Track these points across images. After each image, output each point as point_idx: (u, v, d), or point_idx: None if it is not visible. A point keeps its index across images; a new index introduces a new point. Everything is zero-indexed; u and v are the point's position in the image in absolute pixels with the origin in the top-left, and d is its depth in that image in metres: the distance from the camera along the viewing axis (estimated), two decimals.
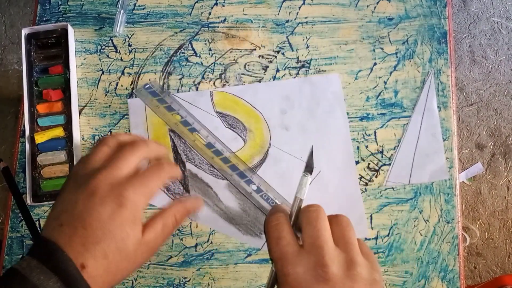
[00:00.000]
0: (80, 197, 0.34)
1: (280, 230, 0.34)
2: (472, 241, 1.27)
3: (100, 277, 0.34)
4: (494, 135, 1.35)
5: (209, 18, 0.51)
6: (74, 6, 0.52)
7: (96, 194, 0.34)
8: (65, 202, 0.35)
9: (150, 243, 0.37)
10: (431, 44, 0.51)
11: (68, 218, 0.34)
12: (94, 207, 0.34)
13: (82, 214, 0.34)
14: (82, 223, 0.34)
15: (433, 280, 0.47)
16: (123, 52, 0.51)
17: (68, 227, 0.33)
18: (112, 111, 0.49)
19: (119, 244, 0.35)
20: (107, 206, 0.34)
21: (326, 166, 0.48)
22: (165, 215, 0.39)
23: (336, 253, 0.32)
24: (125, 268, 0.36)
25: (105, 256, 0.34)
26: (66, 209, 0.34)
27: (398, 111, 0.49)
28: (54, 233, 0.33)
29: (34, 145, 0.47)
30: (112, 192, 0.35)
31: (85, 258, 0.33)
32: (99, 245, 0.34)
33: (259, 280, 0.46)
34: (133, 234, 0.35)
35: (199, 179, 0.47)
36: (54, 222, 0.34)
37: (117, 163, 0.36)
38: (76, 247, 0.33)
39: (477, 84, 1.38)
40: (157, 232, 0.38)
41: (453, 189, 0.48)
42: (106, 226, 0.34)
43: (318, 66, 0.50)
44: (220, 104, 0.49)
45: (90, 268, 0.33)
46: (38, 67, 0.49)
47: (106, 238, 0.34)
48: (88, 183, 0.35)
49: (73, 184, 0.36)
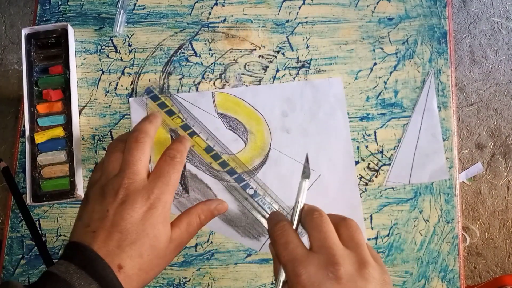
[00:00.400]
0: (109, 206, 0.36)
1: (286, 235, 0.35)
2: (472, 241, 1.27)
3: (136, 275, 0.36)
4: (494, 135, 1.35)
5: (209, 18, 0.51)
6: (74, 6, 0.52)
7: (126, 201, 0.36)
8: (95, 211, 0.37)
9: (176, 240, 0.39)
10: (431, 44, 0.51)
11: (101, 225, 0.36)
12: (126, 212, 0.36)
13: (116, 220, 0.36)
14: (117, 228, 0.36)
15: (433, 280, 0.47)
16: (123, 52, 0.51)
17: (103, 232, 0.35)
18: (112, 111, 0.49)
19: (152, 242, 0.37)
20: (139, 210, 0.36)
21: (327, 169, 0.48)
22: (190, 214, 0.41)
23: (346, 253, 0.33)
24: (157, 265, 0.38)
25: (140, 255, 0.36)
26: (98, 218, 0.36)
27: (398, 111, 0.49)
28: (87, 238, 0.35)
29: (34, 145, 0.47)
30: (140, 196, 0.37)
31: (122, 259, 0.35)
32: (135, 245, 0.36)
33: (259, 280, 0.46)
34: (164, 232, 0.38)
35: (199, 180, 0.47)
36: (86, 229, 0.36)
37: (135, 167, 0.38)
38: (112, 249, 0.35)
39: (477, 84, 1.38)
40: (182, 231, 0.40)
41: (453, 189, 0.48)
42: (140, 227, 0.36)
43: (318, 66, 0.50)
44: (221, 105, 0.49)
45: (127, 268, 0.35)
46: (38, 67, 0.49)
47: (141, 238, 0.36)
48: (115, 191, 0.37)
49: (98, 193, 0.38)
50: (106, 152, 0.41)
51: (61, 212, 0.47)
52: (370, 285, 0.31)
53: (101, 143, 0.49)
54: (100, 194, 0.38)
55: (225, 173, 0.47)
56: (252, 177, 0.47)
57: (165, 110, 0.48)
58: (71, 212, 0.47)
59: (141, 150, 0.39)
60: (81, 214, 0.38)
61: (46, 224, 0.47)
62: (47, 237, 0.47)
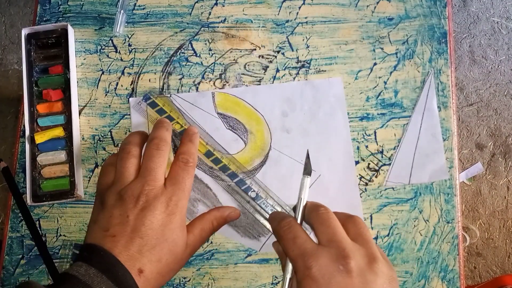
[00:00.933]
0: (129, 211, 0.37)
1: (294, 231, 0.35)
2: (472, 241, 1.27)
3: (154, 279, 0.37)
4: (494, 135, 1.35)
5: (209, 18, 0.51)
6: (74, 6, 0.52)
7: (147, 207, 0.37)
8: (113, 217, 0.37)
9: (191, 246, 0.40)
10: (431, 44, 0.51)
11: (122, 230, 0.37)
12: (147, 218, 0.37)
13: (137, 226, 0.37)
14: (137, 233, 0.37)
15: (433, 280, 0.47)
16: (123, 52, 0.51)
17: (123, 237, 0.36)
18: (112, 111, 0.49)
19: (171, 247, 0.38)
20: (158, 216, 0.37)
21: (327, 169, 0.48)
22: (204, 220, 0.42)
23: (355, 247, 0.33)
24: (173, 269, 0.39)
25: (159, 259, 0.37)
26: (117, 223, 0.37)
27: (398, 111, 0.49)
28: (106, 242, 0.36)
29: (34, 145, 0.47)
30: (159, 202, 0.38)
31: (142, 264, 0.36)
32: (155, 249, 0.37)
33: (259, 280, 0.46)
34: (182, 236, 0.39)
35: (199, 180, 0.47)
36: (105, 233, 0.37)
37: (156, 174, 0.39)
38: (133, 254, 0.36)
39: (477, 84, 1.38)
40: (196, 236, 0.41)
41: (453, 189, 0.48)
42: (159, 232, 0.37)
43: (318, 66, 0.50)
44: (221, 105, 0.49)
45: (147, 272, 0.36)
46: (38, 67, 0.49)
47: (160, 243, 0.37)
48: (135, 197, 0.38)
49: (116, 198, 0.38)
50: (119, 157, 0.41)
51: (61, 212, 0.47)
52: (379, 279, 0.31)
53: (101, 143, 0.49)
54: (118, 200, 0.38)
55: (226, 176, 0.47)
56: (252, 178, 0.47)
57: (163, 116, 0.48)
58: (71, 212, 0.47)
59: (162, 157, 0.40)
60: (97, 218, 0.39)
61: (46, 224, 0.47)
62: (47, 237, 0.47)
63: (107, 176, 0.41)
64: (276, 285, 0.46)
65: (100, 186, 0.41)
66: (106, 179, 0.41)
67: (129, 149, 0.41)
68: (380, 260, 0.32)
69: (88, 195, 0.48)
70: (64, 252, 0.47)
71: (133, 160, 0.40)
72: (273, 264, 0.47)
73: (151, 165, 0.39)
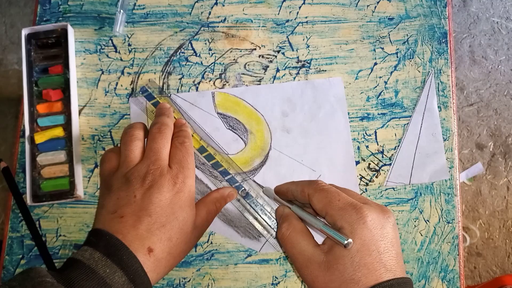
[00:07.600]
0: (136, 191, 0.37)
1: (330, 189, 0.38)
2: (472, 241, 1.27)
3: (165, 259, 0.36)
4: (494, 135, 1.35)
5: (209, 18, 0.51)
6: (74, 6, 0.52)
7: (153, 185, 0.37)
8: (120, 198, 0.37)
9: (198, 227, 0.40)
10: (431, 44, 0.50)
11: (129, 210, 0.36)
12: (154, 196, 0.36)
13: (144, 204, 0.36)
14: (146, 211, 0.36)
15: (433, 280, 0.47)
16: (123, 52, 0.51)
17: (131, 217, 0.35)
18: (112, 111, 0.49)
19: (181, 225, 0.37)
20: (166, 193, 0.37)
21: (327, 169, 0.48)
22: (207, 203, 0.43)
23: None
24: (183, 250, 0.39)
25: (170, 238, 0.36)
26: (124, 203, 0.36)
27: (398, 111, 0.49)
28: (114, 224, 0.35)
29: (34, 145, 0.47)
30: (166, 181, 0.37)
31: (152, 242, 0.35)
32: (165, 228, 0.36)
33: (259, 280, 0.46)
34: (191, 214, 0.39)
35: (199, 180, 0.47)
36: (112, 216, 0.36)
37: (160, 154, 0.39)
38: (142, 233, 0.35)
39: (477, 84, 1.38)
40: (203, 218, 0.41)
41: (454, 189, 0.48)
42: (168, 210, 0.37)
43: (318, 66, 0.50)
44: (221, 105, 0.49)
45: (157, 251, 0.35)
46: (38, 67, 0.49)
47: (170, 221, 0.36)
48: (141, 177, 0.37)
49: (121, 181, 0.38)
50: (122, 141, 0.41)
51: (61, 212, 0.47)
52: (388, 224, 0.35)
53: (100, 143, 0.49)
54: (124, 182, 0.38)
55: (219, 174, 0.47)
56: (246, 179, 0.47)
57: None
58: (71, 212, 0.47)
59: (165, 139, 0.40)
60: (104, 202, 0.38)
61: (46, 224, 0.47)
62: (47, 237, 0.47)
63: (110, 162, 0.41)
64: (277, 285, 0.46)
65: (104, 172, 0.41)
66: (109, 165, 0.41)
67: (132, 132, 0.41)
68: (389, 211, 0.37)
69: (88, 195, 0.47)
70: (64, 252, 0.46)
71: (138, 143, 0.40)
72: (273, 265, 0.47)
73: (155, 146, 0.39)
